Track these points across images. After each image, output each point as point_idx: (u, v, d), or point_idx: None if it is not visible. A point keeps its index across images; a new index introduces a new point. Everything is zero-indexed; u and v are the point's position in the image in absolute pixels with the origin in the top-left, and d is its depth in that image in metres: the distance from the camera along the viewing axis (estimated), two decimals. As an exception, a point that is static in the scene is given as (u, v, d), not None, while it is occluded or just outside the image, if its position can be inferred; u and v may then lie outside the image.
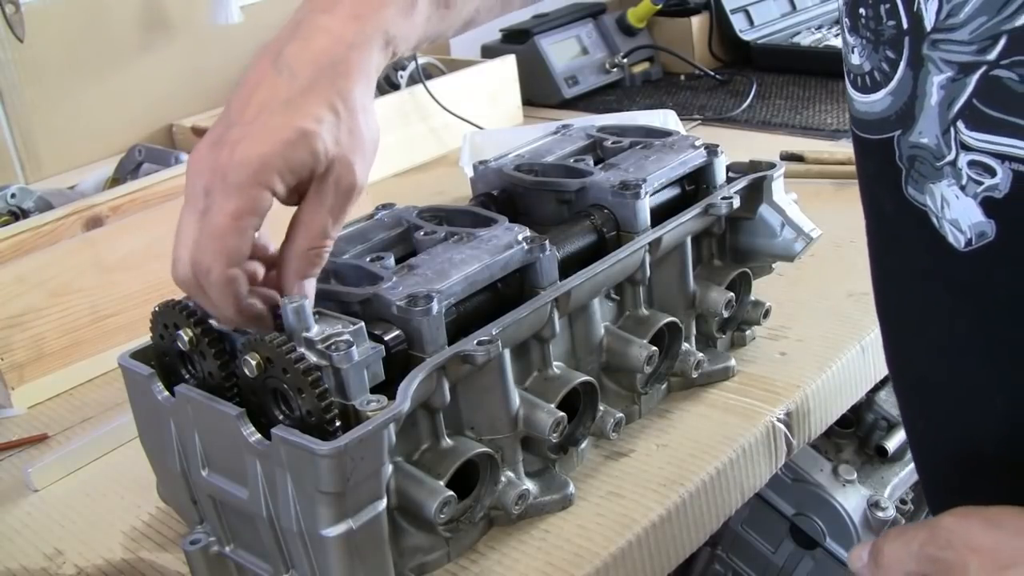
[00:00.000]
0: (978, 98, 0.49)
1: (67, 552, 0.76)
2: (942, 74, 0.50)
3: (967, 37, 0.48)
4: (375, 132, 0.61)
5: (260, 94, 0.58)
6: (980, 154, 0.49)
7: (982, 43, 0.47)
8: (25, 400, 0.96)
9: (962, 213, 0.51)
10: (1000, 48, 0.47)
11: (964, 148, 0.50)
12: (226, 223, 0.56)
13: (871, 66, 0.54)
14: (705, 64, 1.73)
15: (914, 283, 0.58)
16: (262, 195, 0.56)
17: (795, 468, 1.08)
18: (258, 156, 0.56)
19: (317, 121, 0.57)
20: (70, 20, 1.36)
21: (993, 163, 0.49)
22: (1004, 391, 0.53)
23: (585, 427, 0.74)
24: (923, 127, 0.52)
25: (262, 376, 0.59)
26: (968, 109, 0.49)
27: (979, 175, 0.50)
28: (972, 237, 0.51)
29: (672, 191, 0.81)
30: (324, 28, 0.60)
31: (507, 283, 0.69)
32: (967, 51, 0.48)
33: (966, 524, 0.47)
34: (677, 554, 0.72)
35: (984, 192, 0.50)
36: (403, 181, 1.41)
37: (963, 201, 0.51)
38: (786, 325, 0.91)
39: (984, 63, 0.48)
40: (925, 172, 0.52)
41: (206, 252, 0.57)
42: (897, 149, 0.54)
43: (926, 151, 0.52)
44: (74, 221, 1.01)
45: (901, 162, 0.54)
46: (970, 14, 0.47)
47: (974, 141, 0.50)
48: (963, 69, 0.49)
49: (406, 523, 0.65)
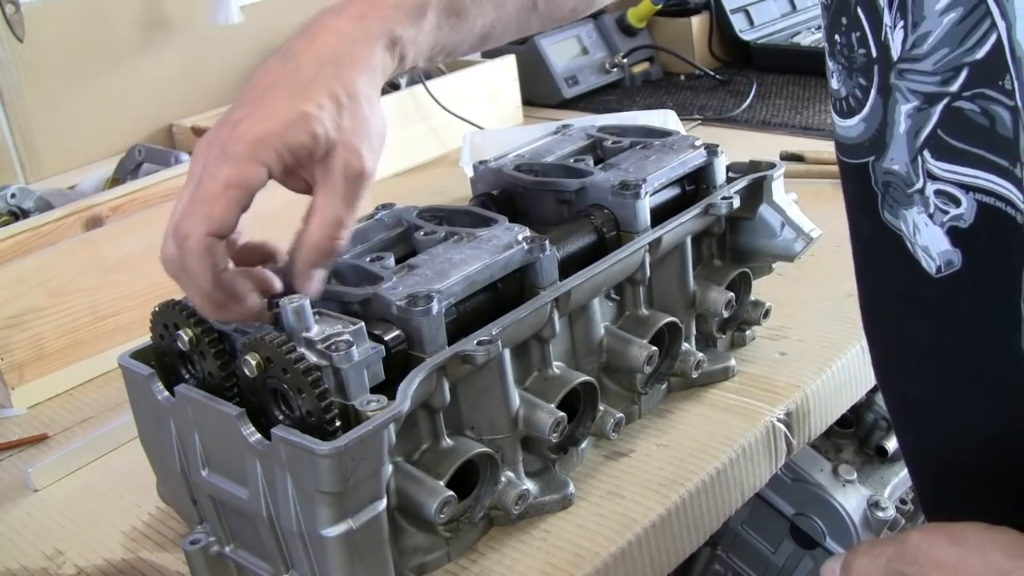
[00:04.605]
0: (942, 128, 0.49)
1: (67, 552, 0.76)
2: (909, 103, 0.50)
3: (931, 68, 0.48)
4: (381, 122, 0.62)
5: (265, 83, 0.60)
6: (946, 184, 0.49)
7: (945, 74, 0.47)
8: (25, 400, 0.96)
9: (931, 240, 0.51)
10: (962, 80, 0.47)
11: (931, 177, 0.50)
12: (214, 190, 0.57)
13: (847, 91, 0.54)
14: (705, 64, 1.73)
15: (894, 304, 0.58)
16: (256, 169, 0.57)
17: (795, 468, 1.08)
18: (257, 131, 0.57)
19: (318, 106, 0.58)
20: (70, 20, 1.36)
21: (958, 193, 0.49)
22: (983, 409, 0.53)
23: (585, 427, 0.74)
24: (894, 154, 0.52)
25: (262, 376, 0.59)
26: (933, 139, 0.49)
27: (945, 204, 0.50)
28: (941, 265, 0.51)
29: (672, 191, 0.81)
30: (331, 27, 0.62)
31: (507, 283, 0.69)
32: (931, 82, 0.48)
33: (931, 540, 0.47)
34: (677, 554, 0.72)
35: (950, 221, 0.50)
36: (403, 181, 1.41)
37: (931, 229, 0.51)
38: (786, 325, 0.91)
39: (947, 94, 0.48)
40: (898, 198, 0.52)
41: (190, 217, 0.57)
42: (872, 174, 0.54)
43: (898, 178, 0.52)
44: (74, 221, 1.01)
45: (877, 187, 0.54)
46: (933, 45, 0.47)
47: (940, 171, 0.49)
48: (928, 99, 0.49)
49: (406, 523, 0.65)
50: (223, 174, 0.57)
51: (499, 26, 0.71)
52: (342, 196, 0.60)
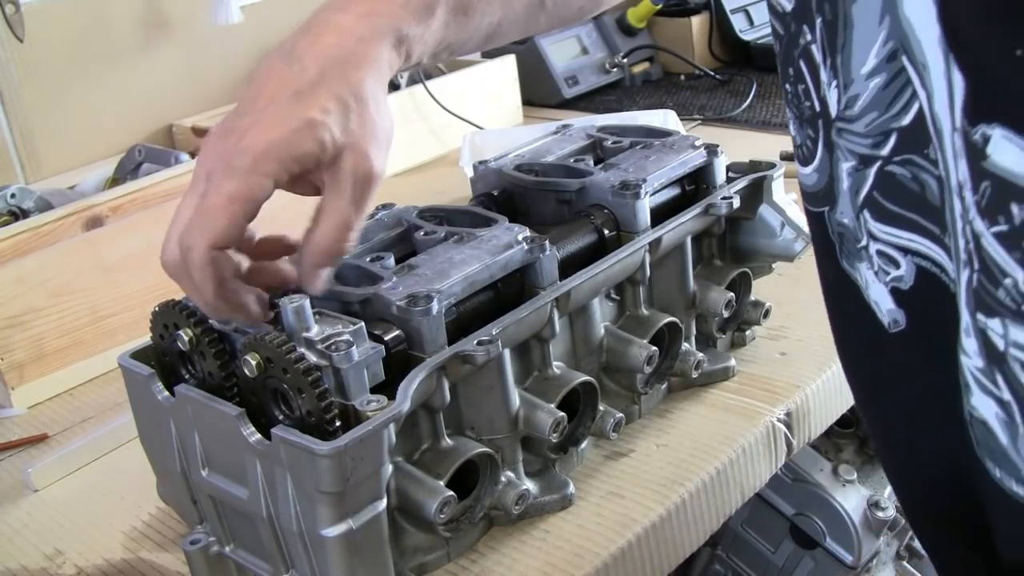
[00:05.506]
0: (878, 191, 0.47)
1: (67, 552, 0.76)
2: (848, 162, 0.49)
3: (863, 130, 0.47)
4: (388, 122, 0.61)
5: (270, 86, 0.59)
6: (885, 245, 0.48)
7: (875, 138, 0.46)
8: (25, 400, 0.96)
9: (880, 297, 0.50)
10: (891, 145, 0.46)
11: (872, 237, 0.49)
12: (219, 203, 0.56)
13: (800, 140, 0.53)
14: (705, 64, 1.73)
15: (860, 348, 0.57)
16: (261, 182, 0.57)
17: (795, 468, 1.08)
18: (263, 143, 0.56)
19: (324, 112, 0.58)
20: (70, 20, 1.36)
21: (897, 255, 0.48)
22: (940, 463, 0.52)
23: (585, 427, 0.74)
24: (843, 208, 0.51)
25: (262, 376, 0.59)
26: (871, 200, 0.48)
27: (886, 265, 0.49)
28: (889, 322, 0.50)
29: (672, 191, 0.81)
30: (336, 24, 0.61)
31: (507, 283, 0.69)
32: (864, 144, 0.47)
33: None
34: (677, 554, 0.72)
35: (892, 282, 0.49)
36: (403, 181, 1.41)
37: (878, 286, 0.50)
38: (786, 325, 0.91)
39: (880, 157, 0.46)
40: (851, 250, 0.51)
41: (194, 230, 0.57)
42: (829, 224, 0.53)
43: (848, 231, 0.51)
44: (74, 221, 1.01)
45: (834, 236, 0.53)
46: (863, 108, 0.46)
47: (879, 232, 0.48)
48: (863, 161, 0.48)
49: (406, 523, 0.65)
50: (228, 188, 0.56)
51: (506, 24, 0.70)
52: (350, 199, 0.59)
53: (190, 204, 0.58)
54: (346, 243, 0.60)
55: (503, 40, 0.73)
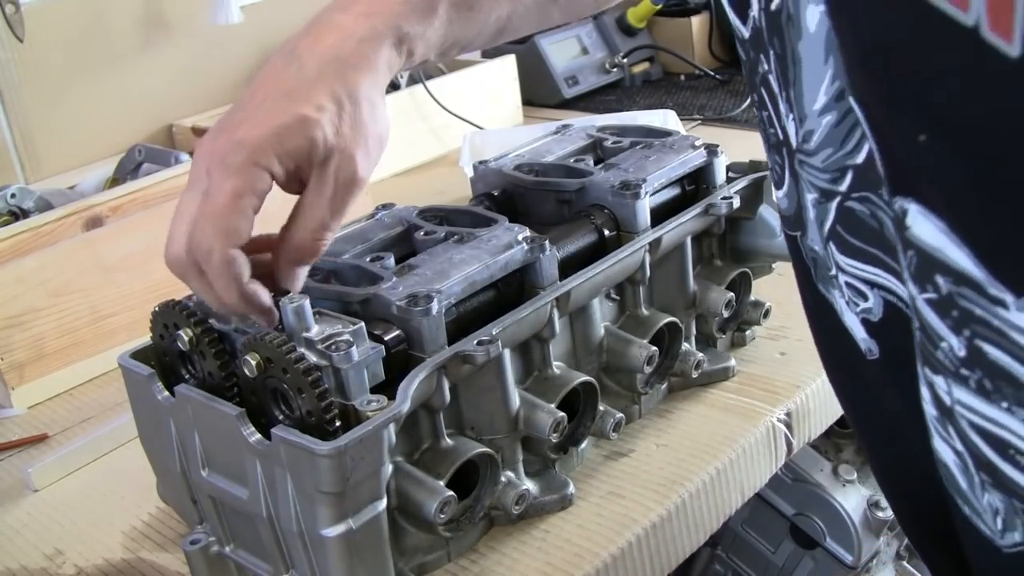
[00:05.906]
0: (840, 225, 0.47)
1: (67, 552, 0.76)
2: (811, 194, 0.48)
3: (820, 165, 0.46)
4: (382, 126, 0.61)
5: (267, 85, 0.59)
6: (852, 278, 0.48)
7: (833, 173, 0.46)
8: (25, 400, 0.96)
9: (853, 325, 0.50)
10: (848, 182, 0.45)
11: (840, 269, 0.48)
12: (226, 202, 0.56)
13: (771, 163, 0.53)
14: (705, 64, 1.73)
15: (841, 366, 0.56)
16: (260, 175, 0.57)
17: (795, 468, 1.08)
18: (255, 138, 0.57)
19: (318, 109, 0.58)
20: (70, 20, 1.36)
21: (864, 288, 0.47)
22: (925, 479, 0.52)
23: (585, 427, 0.74)
24: (812, 236, 0.50)
25: (262, 376, 0.59)
26: (835, 233, 0.47)
27: (855, 297, 0.48)
28: (865, 350, 0.50)
29: (672, 191, 0.81)
30: (336, 24, 0.61)
31: (507, 283, 0.69)
32: (824, 178, 0.46)
33: None
34: (677, 554, 0.72)
35: (862, 313, 0.48)
36: (403, 181, 1.41)
37: (850, 315, 0.50)
38: (786, 325, 0.91)
39: (839, 193, 0.46)
40: (824, 276, 0.51)
41: (206, 232, 0.57)
42: (802, 248, 0.52)
43: (820, 258, 0.50)
44: (74, 221, 1.01)
45: (808, 260, 0.52)
46: (819, 144, 0.45)
47: (845, 265, 0.48)
48: (824, 195, 0.47)
49: (406, 523, 0.65)
50: (229, 185, 0.56)
51: (516, 18, 0.69)
52: (329, 200, 0.59)
53: (191, 200, 0.58)
54: (321, 243, 0.60)
55: (516, 34, 0.72)
